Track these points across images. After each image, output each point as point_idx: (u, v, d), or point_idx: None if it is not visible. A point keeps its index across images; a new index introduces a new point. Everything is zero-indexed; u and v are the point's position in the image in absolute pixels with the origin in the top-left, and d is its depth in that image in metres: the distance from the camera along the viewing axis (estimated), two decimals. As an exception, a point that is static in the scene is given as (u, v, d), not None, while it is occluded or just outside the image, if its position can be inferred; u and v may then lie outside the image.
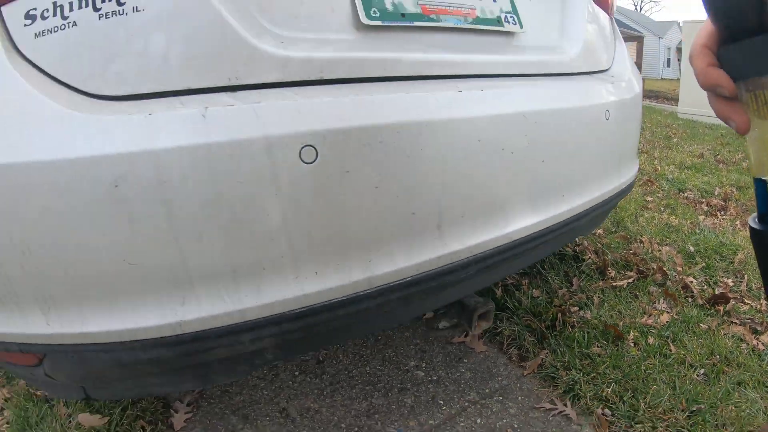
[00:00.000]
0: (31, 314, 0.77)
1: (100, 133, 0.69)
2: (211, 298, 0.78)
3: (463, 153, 0.91)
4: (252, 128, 0.73)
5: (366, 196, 0.83)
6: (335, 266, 0.84)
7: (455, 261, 0.95)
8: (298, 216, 0.79)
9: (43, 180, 0.69)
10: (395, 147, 0.84)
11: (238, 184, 0.74)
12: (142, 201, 0.70)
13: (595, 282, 1.84)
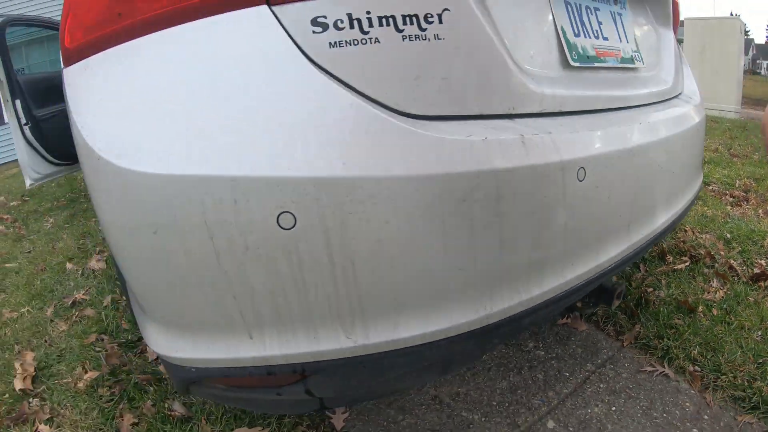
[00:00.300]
0: (324, 330, 0.76)
1: (435, 150, 0.71)
2: (510, 291, 0.82)
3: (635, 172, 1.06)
4: (553, 154, 0.83)
5: (606, 202, 0.98)
6: (584, 259, 0.92)
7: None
8: (573, 219, 0.90)
9: (393, 194, 0.69)
10: (618, 167, 0.99)
11: (543, 198, 0.82)
12: (483, 214, 0.76)
13: (659, 267, 2.06)
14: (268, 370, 0.77)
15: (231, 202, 0.66)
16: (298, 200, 0.67)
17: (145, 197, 0.69)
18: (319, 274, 0.71)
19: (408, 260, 0.74)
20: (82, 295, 2.06)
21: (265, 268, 0.70)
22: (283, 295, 0.72)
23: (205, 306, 0.74)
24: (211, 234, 0.68)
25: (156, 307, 0.82)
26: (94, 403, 1.44)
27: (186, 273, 0.71)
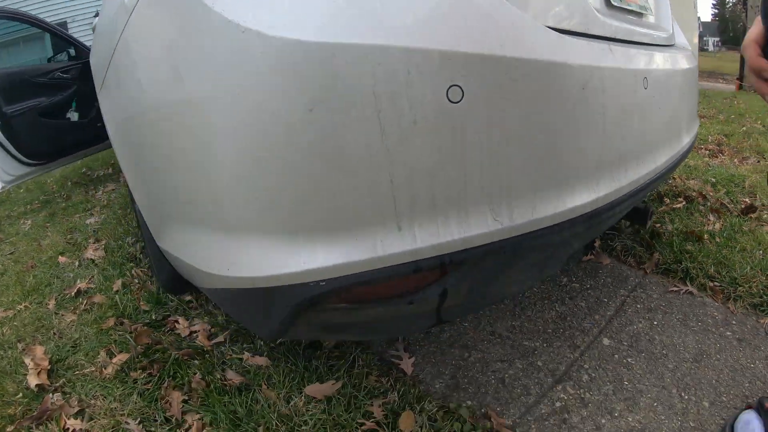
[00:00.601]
0: (474, 214, 0.78)
1: (563, 49, 0.82)
2: (609, 179, 0.92)
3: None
4: (627, 62, 0.99)
5: (659, 113, 1.11)
6: (649, 160, 1.03)
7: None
8: (642, 122, 1.02)
9: (538, 76, 0.76)
10: (662, 85, 1.12)
11: (626, 97, 0.97)
12: (593, 104, 0.87)
13: (660, 207, 2.26)
14: (415, 267, 0.77)
15: (405, 74, 0.66)
16: (466, 74, 0.69)
17: (304, 70, 0.67)
18: (478, 151, 0.73)
19: (545, 140, 0.78)
20: (87, 284, 1.91)
21: (429, 144, 0.70)
22: (443, 174, 0.72)
23: (357, 195, 0.72)
24: (379, 108, 0.67)
25: (276, 213, 0.77)
26: (129, 387, 1.34)
27: (342, 156, 0.70)
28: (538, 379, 1.29)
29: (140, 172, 1.21)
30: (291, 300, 0.82)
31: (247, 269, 0.84)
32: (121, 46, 1.09)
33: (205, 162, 0.82)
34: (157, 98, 0.94)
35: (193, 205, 0.93)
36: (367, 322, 0.91)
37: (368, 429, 1.14)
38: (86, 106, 3.21)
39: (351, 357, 1.36)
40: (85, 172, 4.33)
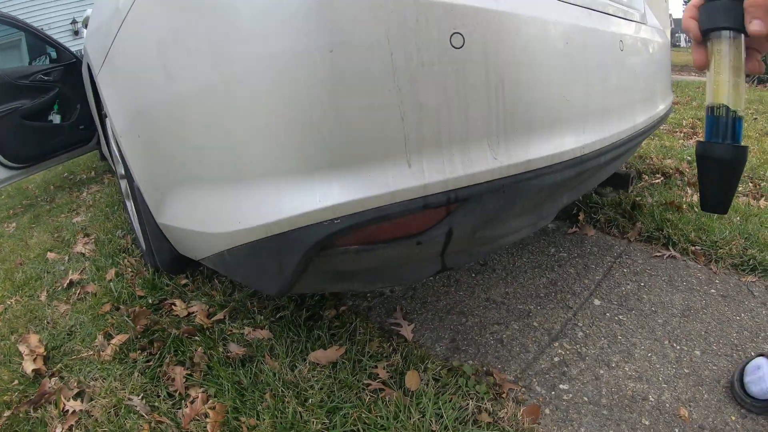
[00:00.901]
0: (476, 151, 0.83)
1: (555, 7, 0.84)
2: (593, 130, 1.00)
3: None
4: (605, 25, 1.11)
5: (635, 74, 1.22)
6: (628, 117, 1.10)
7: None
8: (621, 79, 1.17)
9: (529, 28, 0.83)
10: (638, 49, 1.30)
11: (604, 55, 1.07)
12: (578, 57, 0.95)
13: (639, 183, 2.36)
14: (425, 202, 0.82)
15: (414, 21, 0.72)
16: (467, 23, 0.75)
17: (326, 14, 0.72)
18: (478, 91, 0.79)
19: (537, 85, 0.85)
20: (79, 275, 1.91)
21: (435, 84, 0.76)
22: (447, 112, 0.78)
23: (372, 132, 0.77)
24: (391, 50, 0.73)
25: (295, 153, 0.81)
26: (129, 367, 1.35)
27: (359, 94, 0.74)
28: (534, 337, 1.34)
29: (144, 142, 1.23)
30: (305, 243, 0.85)
31: (260, 217, 0.87)
32: (132, 15, 1.12)
33: (223, 113, 0.86)
34: (171, 63, 0.97)
35: (206, 162, 0.96)
36: (375, 267, 0.95)
37: (375, 389, 1.17)
38: (68, 108, 3.19)
39: (352, 326, 1.39)
40: (67, 176, 4.28)
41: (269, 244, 0.90)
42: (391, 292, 1.60)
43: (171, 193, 1.20)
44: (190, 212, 1.11)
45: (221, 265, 1.15)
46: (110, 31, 1.33)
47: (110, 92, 1.44)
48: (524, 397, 1.14)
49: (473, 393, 1.12)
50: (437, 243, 0.90)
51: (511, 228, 1.01)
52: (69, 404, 1.27)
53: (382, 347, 1.30)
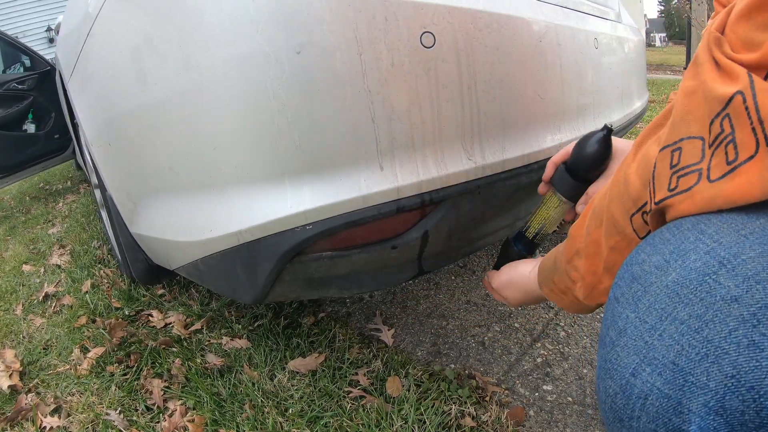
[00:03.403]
0: (449, 153, 0.82)
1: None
2: (569, 128, 1.01)
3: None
4: (581, 23, 1.15)
5: (610, 72, 1.22)
6: (604, 115, 1.11)
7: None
8: (596, 78, 1.18)
9: (501, 27, 0.83)
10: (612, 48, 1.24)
11: (580, 53, 1.06)
12: (551, 56, 0.93)
13: None
14: (398, 206, 0.80)
15: (383, 21, 0.71)
16: (438, 22, 0.74)
17: (292, 15, 0.70)
18: (450, 91, 0.78)
19: (511, 84, 0.84)
20: (55, 288, 1.86)
21: (406, 85, 0.75)
22: (419, 113, 0.77)
23: (342, 135, 0.75)
24: (360, 51, 0.71)
25: (263, 159, 0.79)
26: (106, 381, 1.32)
27: (328, 96, 0.73)
28: (516, 339, 1.33)
29: (116, 152, 1.20)
30: (277, 250, 0.83)
31: (232, 225, 0.85)
32: (101, 20, 1.09)
33: (193, 119, 0.84)
34: (141, 69, 0.95)
35: (178, 170, 0.94)
36: (351, 273, 0.93)
37: (356, 396, 1.15)
38: (43, 117, 3.13)
39: (331, 333, 1.37)
40: (43, 186, 4.20)
41: (242, 252, 0.88)
42: (370, 297, 1.59)
43: (144, 202, 1.17)
44: (163, 221, 1.08)
45: (196, 275, 1.12)
46: (80, 38, 1.30)
47: (81, 100, 1.41)
48: (508, 399, 1.13)
49: (456, 397, 1.11)
50: (413, 246, 0.89)
51: (489, 229, 1.00)
52: (46, 420, 1.23)
53: (362, 353, 1.28)
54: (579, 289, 0.56)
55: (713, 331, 0.29)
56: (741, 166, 0.32)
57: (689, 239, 0.34)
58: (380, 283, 0.98)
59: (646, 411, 0.32)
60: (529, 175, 0.90)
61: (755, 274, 0.29)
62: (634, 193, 0.44)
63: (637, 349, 0.33)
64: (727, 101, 0.33)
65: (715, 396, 0.28)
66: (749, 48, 0.33)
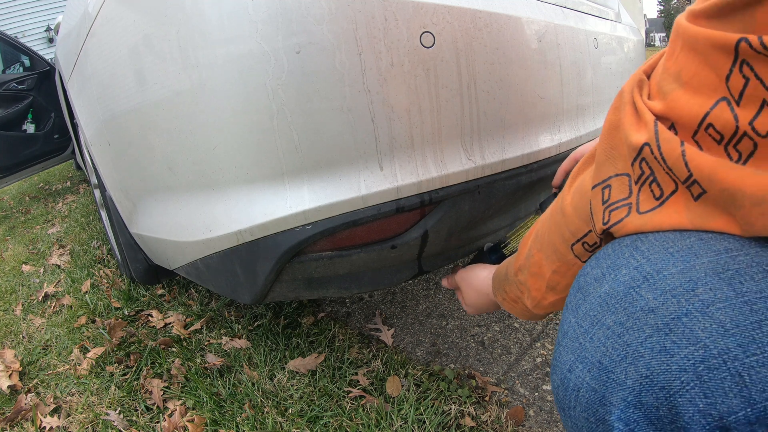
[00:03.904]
0: (449, 153, 0.82)
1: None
2: (569, 128, 1.01)
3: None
4: (580, 23, 1.13)
5: (609, 72, 1.22)
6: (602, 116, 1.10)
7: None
8: (595, 77, 1.17)
9: (501, 27, 0.83)
10: (612, 48, 1.24)
11: (578, 53, 1.07)
12: (549, 55, 0.93)
13: None
14: (398, 206, 0.80)
15: (382, 20, 0.71)
16: (437, 22, 0.74)
17: (292, 15, 0.70)
18: (449, 91, 0.78)
19: (510, 84, 0.84)
20: (54, 288, 1.86)
21: (406, 84, 0.74)
22: (419, 113, 0.76)
23: (342, 135, 0.75)
24: (360, 51, 0.71)
25: (262, 159, 0.79)
26: (106, 381, 1.32)
27: (328, 96, 0.73)
28: (516, 339, 1.33)
29: (115, 152, 1.20)
30: (277, 250, 0.83)
31: (231, 225, 0.85)
32: (101, 20, 1.09)
33: (192, 118, 0.83)
34: (141, 69, 0.95)
35: (177, 170, 0.93)
36: (350, 273, 0.93)
37: (355, 396, 1.15)
38: (43, 117, 3.12)
39: (331, 333, 1.37)
40: (42, 186, 4.19)
41: (241, 252, 0.88)
42: (369, 297, 1.59)
43: (143, 202, 1.17)
44: (163, 221, 1.08)
45: (195, 275, 1.12)
46: (79, 37, 1.30)
47: (80, 100, 1.40)
48: (507, 399, 1.13)
49: (455, 397, 1.11)
50: (413, 246, 0.89)
51: (488, 229, 1.00)
52: (46, 420, 1.23)
53: (362, 353, 1.28)
54: (526, 299, 0.59)
55: (632, 336, 0.33)
56: (668, 199, 0.35)
57: (624, 255, 0.37)
58: (380, 282, 0.98)
59: (579, 402, 0.36)
60: (528, 175, 0.90)
61: (672, 289, 0.32)
62: (572, 226, 0.47)
63: (573, 349, 0.37)
64: (639, 149, 0.36)
65: (633, 392, 0.31)
66: (660, 96, 0.36)
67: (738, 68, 0.29)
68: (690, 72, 0.33)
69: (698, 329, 0.30)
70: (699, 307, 0.30)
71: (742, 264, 0.31)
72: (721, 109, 0.31)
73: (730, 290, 0.30)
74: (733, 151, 0.31)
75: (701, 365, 0.29)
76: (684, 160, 0.33)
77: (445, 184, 0.82)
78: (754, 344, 0.28)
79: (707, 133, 0.32)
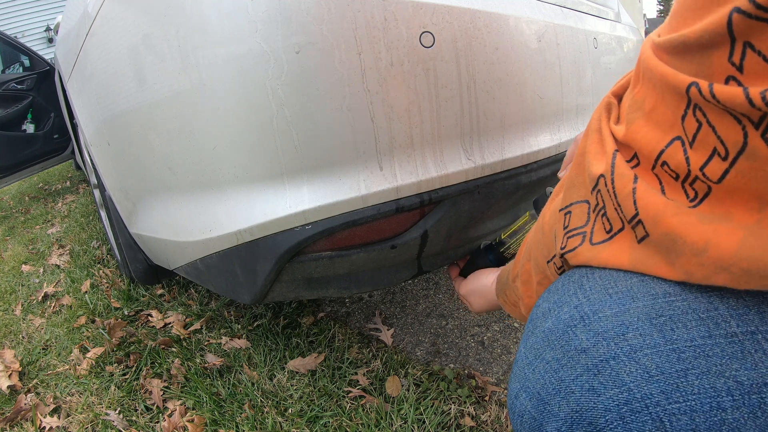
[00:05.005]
0: (449, 152, 0.82)
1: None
2: (569, 128, 1.00)
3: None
4: (579, 23, 1.13)
5: (609, 71, 1.23)
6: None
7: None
8: (595, 77, 1.16)
9: (500, 27, 0.83)
10: (612, 47, 1.26)
11: (579, 53, 1.07)
12: (550, 55, 0.93)
13: None
14: (397, 206, 0.80)
15: (381, 20, 0.71)
16: (437, 22, 0.74)
17: (292, 15, 0.70)
18: (449, 91, 0.78)
19: (510, 84, 0.84)
20: (54, 288, 1.86)
21: (405, 84, 0.74)
22: (418, 113, 0.76)
23: (341, 135, 0.75)
24: (359, 51, 0.71)
25: (262, 159, 0.79)
26: (106, 381, 1.32)
27: (327, 96, 0.73)
28: (516, 339, 1.33)
29: (115, 152, 1.20)
30: (276, 250, 0.83)
31: (231, 225, 0.85)
32: (100, 20, 1.09)
33: (192, 118, 0.84)
34: (140, 69, 0.95)
35: (177, 170, 0.94)
36: (350, 273, 0.93)
37: (355, 396, 1.15)
38: (43, 117, 3.12)
39: (330, 333, 1.37)
40: (42, 186, 4.19)
41: (241, 252, 0.88)
42: (369, 297, 1.59)
43: (143, 202, 1.17)
44: (162, 221, 1.08)
45: (195, 275, 1.12)
46: (79, 37, 1.30)
47: (80, 99, 1.40)
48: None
49: (455, 397, 1.11)
50: (413, 246, 0.88)
51: (488, 229, 1.00)
52: (46, 421, 1.23)
53: (361, 353, 1.28)
54: (522, 305, 0.60)
55: (565, 373, 0.34)
56: (615, 235, 0.36)
57: (569, 292, 0.38)
58: (379, 282, 0.98)
59: (523, 426, 0.38)
60: (528, 174, 0.90)
61: (604, 331, 0.33)
62: (547, 244, 0.48)
63: (519, 378, 0.39)
64: (596, 180, 0.36)
65: (565, 424, 0.33)
66: (626, 122, 0.35)
67: (692, 111, 0.28)
68: (650, 104, 0.32)
69: (624, 373, 0.30)
70: (627, 351, 0.31)
71: (677, 310, 0.31)
72: (675, 148, 0.30)
73: (659, 337, 0.30)
74: (689, 189, 0.30)
75: (624, 407, 0.30)
76: (633, 197, 0.33)
77: (444, 184, 0.82)
78: (677, 392, 0.28)
79: (663, 169, 0.32)
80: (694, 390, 0.28)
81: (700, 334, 0.30)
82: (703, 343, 0.29)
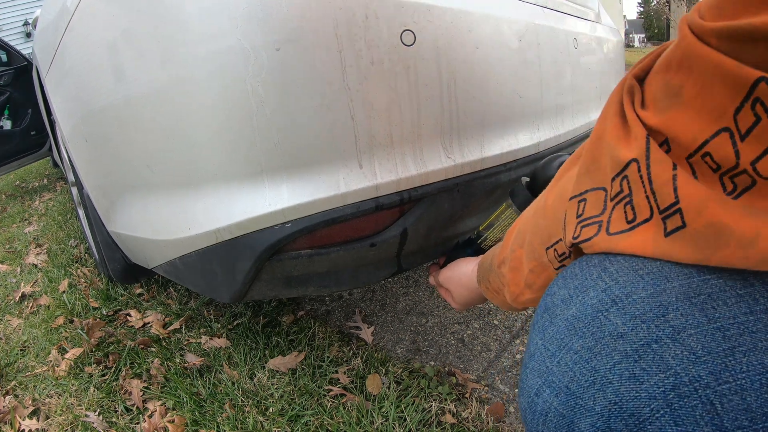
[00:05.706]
0: (429, 151, 0.83)
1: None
2: (548, 127, 1.02)
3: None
4: (559, 23, 1.11)
5: (588, 72, 1.25)
6: (582, 115, 1.10)
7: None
8: (574, 77, 1.19)
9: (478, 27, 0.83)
10: (592, 48, 1.28)
11: (559, 53, 1.10)
12: (530, 53, 0.94)
13: None
14: (377, 203, 0.80)
15: (363, 18, 0.71)
16: (418, 20, 0.74)
17: (272, 12, 0.70)
18: (429, 90, 0.78)
19: (490, 83, 0.85)
20: (31, 287, 1.83)
21: (386, 82, 0.75)
22: (399, 111, 0.77)
23: (321, 133, 0.75)
24: (340, 48, 0.71)
25: (241, 156, 0.79)
26: (85, 382, 1.30)
27: (307, 94, 0.73)
28: (496, 336, 1.34)
29: (93, 149, 1.18)
30: (256, 248, 0.83)
31: (210, 223, 0.84)
32: (79, 14, 1.07)
33: (171, 115, 0.83)
34: (119, 65, 0.94)
35: (155, 167, 0.93)
36: (330, 271, 0.93)
37: (336, 394, 1.15)
38: (19, 113, 3.06)
39: (310, 331, 1.37)
40: (19, 184, 4.11)
41: (220, 250, 0.88)
42: (349, 295, 1.59)
43: (121, 200, 1.16)
44: (141, 219, 1.07)
45: (174, 274, 1.11)
46: (57, 32, 1.28)
47: (58, 95, 1.38)
48: (488, 396, 1.14)
49: (436, 394, 1.12)
50: (392, 244, 0.89)
51: (467, 227, 1.01)
52: (25, 423, 1.21)
53: (342, 351, 1.28)
54: (506, 292, 0.59)
55: (600, 362, 0.32)
56: (639, 226, 0.34)
57: (592, 276, 0.36)
58: (359, 280, 0.98)
59: (547, 426, 0.35)
60: (507, 173, 0.91)
61: (642, 314, 0.31)
62: (548, 229, 0.47)
63: (540, 372, 0.37)
64: (625, 165, 0.34)
65: (601, 418, 0.31)
66: (656, 108, 0.33)
67: (750, 105, 0.26)
68: (692, 92, 0.30)
69: (669, 356, 0.29)
70: (670, 334, 0.30)
71: (715, 288, 0.30)
72: (722, 139, 0.28)
73: (702, 316, 0.29)
74: (728, 181, 0.29)
75: (672, 393, 0.28)
76: (674, 184, 0.31)
77: (424, 182, 0.82)
78: (726, 372, 0.27)
79: (704, 160, 0.30)
80: (743, 368, 0.27)
81: (741, 311, 0.29)
82: (746, 320, 0.28)
